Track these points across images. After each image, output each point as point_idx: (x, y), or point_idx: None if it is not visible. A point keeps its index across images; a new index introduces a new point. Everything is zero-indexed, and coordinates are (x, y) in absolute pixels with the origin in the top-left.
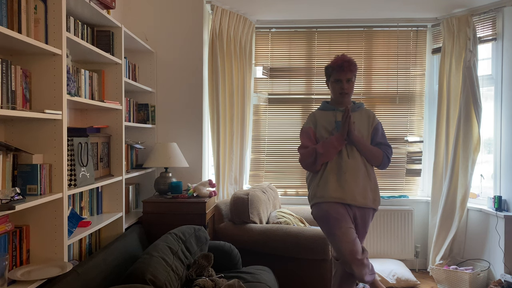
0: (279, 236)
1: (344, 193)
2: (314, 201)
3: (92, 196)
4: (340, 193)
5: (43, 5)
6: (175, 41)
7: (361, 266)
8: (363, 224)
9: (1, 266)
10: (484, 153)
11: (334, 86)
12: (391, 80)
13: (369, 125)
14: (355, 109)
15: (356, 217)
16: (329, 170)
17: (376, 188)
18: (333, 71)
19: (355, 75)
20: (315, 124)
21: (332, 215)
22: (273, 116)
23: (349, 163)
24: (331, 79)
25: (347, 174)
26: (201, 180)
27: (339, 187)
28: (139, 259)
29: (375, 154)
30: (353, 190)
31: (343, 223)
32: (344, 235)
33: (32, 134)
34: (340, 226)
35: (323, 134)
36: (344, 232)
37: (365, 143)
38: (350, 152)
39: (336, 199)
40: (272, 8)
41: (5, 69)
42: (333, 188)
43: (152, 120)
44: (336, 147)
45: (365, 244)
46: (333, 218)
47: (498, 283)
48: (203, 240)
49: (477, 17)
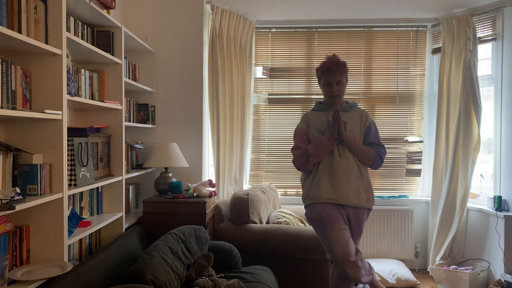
0: (279, 236)
1: (336, 194)
2: (307, 202)
3: (92, 196)
4: (332, 194)
5: (43, 5)
6: (175, 41)
7: (355, 268)
8: (357, 224)
9: (1, 266)
10: (484, 153)
11: (325, 88)
12: (391, 80)
13: (362, 124)
14: (348, 109)
15: (350, 217)
16: (322, 170)
17: (370, 187)
18: (322, 74)
19: (346, 76)
20: (308, 125)
21: (324, 217)
22: (273, 116)
23: (341, 163)
24: (321, 82)
25: (339, 174)
26: (201, 180)
27: (332, 187)
28: (139, 259)
29: (367, 154)
30: (345, 190)
31: (336, 224)
32: (337, 237)
33: (32, 134)
34: (332, 228)
35: (315, 134)
36: (337, 234)
37: (357, 143)
38: (342, 152)
39: (328, 199)
40: (272, 8)
41: (5, 69)
42: (325, 189)
43: (152, 120)
44: (326, 147)
45: (365, 244)
46: (325, 220)
47: (498, 283)
48: (203, 240)
49: (477, 17)
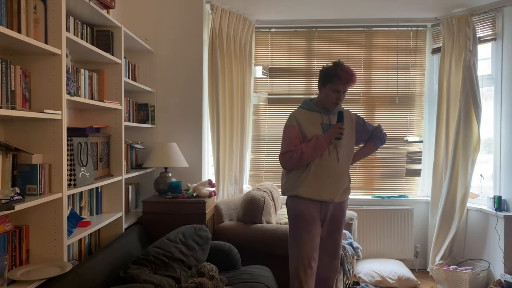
0: (278, 236)
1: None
2: (291, 193)
3: (92, 196)
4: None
5: (43, 5)
6: (175, 41)
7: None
8: (341, 214)
9: (1, 266)
10: (484, 153)
11: (331, 94)
12: (391, 80)
13: (351, 123)
14: (335, 112)
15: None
16: (313, 170)
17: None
18: (334, 80)
19: None
20: (299, 124)
21: (306, 217)
22: (273, 116)
23: (332, 166)
24: (328, 86)
25: (331, 178)
26: (201, 180)
27: (321, 186)
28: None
29: (369, 153)
30: (334, 192)
31: (313, 227)
32: (310, 241)
33: (31, 134)
34: (309, 231)
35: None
36: (311, 238)
37: (362, 156)
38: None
39: (315, 197)
40: (272, 8)
41: (5, 69)
42: (313, 187)
43: (152, 120)
44: (324, 148)
45: (365, 244)
46: (306, 220)
47: (498, 283)
48: (205, 239)
49: (477, 17)
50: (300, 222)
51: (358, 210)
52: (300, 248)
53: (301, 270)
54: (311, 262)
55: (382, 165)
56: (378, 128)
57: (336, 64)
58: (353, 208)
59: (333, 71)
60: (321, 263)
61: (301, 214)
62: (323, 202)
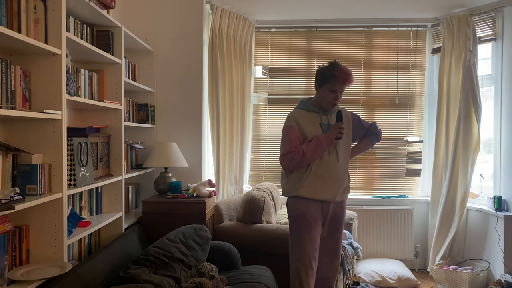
0: (278, 236)
1: (325, 194)
2: (292, 194)
3: (92, 196)
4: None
5: (43, 5)
6: (175, 41)
7: (311, 276)
8: (342, 214)
9: (1, 266)
10: (484, 153)
11: (328, 94)
12: (391, 80)
13: (348, 121)
14: (334, 112)
15: (336, 211)
16: (314, 170)
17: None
18: (331, 80)
19: None
20: (298, 124)
21: (307, 217)
22: (273, 116)
23: (332, 166)
24: (325, 86)
25: (332, 177)
26: (201, 180)
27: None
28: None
29: (365, 149)
30: (335, 191)
31: (314, 228)
32: (311, 241)
33: (31, 134)
34: (310, 231)
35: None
36: (312, 238)
37: (358, 152)
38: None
39: (316, 196)
40: (272, 8)
41: (5, 69)
42: (314, 188)
43: (152, 120)
44: (325, 148)
45: (365, 244)
46: (307, 221)
47: (498, 283)
48: (205, 239)
49: (477, 17)
50: (301, 223)
51: (358, 210)
52: (301, 248)
53: (302, 271)
54: (312, 262)
55: (382, 165)
56: (374, 125)
57: (332, 64)
58: (353, 208)
59: (330, 72)
60: (321, 263)
61: (302, 215)
62: (324, 201)
